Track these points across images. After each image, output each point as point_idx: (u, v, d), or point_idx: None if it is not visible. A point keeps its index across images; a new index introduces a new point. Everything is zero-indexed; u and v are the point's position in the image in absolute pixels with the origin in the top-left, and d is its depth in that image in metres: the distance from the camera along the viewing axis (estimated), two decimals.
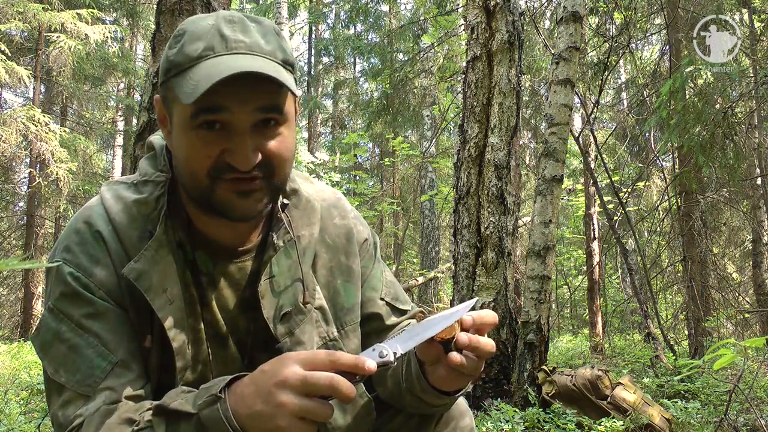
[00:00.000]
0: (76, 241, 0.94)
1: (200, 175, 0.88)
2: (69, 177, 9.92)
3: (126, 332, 0.92)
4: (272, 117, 0.88)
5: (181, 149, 0.90)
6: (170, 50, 0.90)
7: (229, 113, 0.85)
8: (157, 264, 0.93)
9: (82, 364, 0.89)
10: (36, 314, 11.06)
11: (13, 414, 3.92)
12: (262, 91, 0.86)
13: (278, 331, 0.98)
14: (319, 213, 1.07)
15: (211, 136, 0.86)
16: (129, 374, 0.90)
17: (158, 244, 0.93)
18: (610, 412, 3.49)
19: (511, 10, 4.07)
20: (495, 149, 3.98)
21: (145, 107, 2.81)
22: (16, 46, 11.12)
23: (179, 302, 0.94)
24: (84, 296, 0.91)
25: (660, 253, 8.77)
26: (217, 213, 0.92)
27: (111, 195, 0.99)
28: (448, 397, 0.94)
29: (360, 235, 1.13)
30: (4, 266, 0.91)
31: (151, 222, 0.95)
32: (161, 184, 0.98)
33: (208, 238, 1.00)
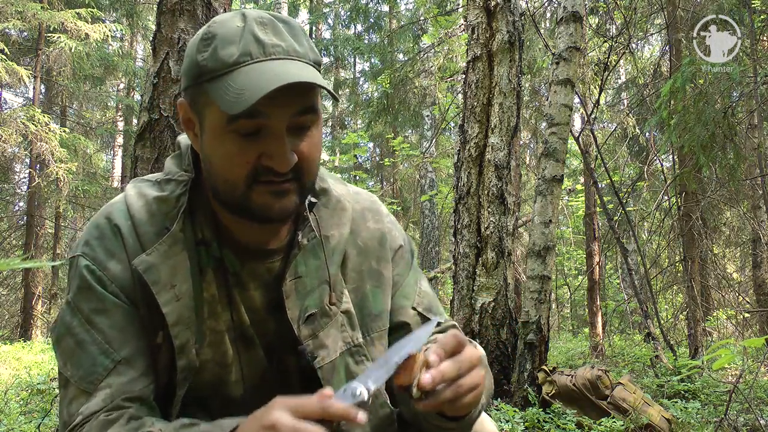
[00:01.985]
0: (95, 236, 0.95)
1: (237, 182, 0.87)
2: (69, 177, 9.92)
3: (133, 330, 0.92)
4: (306, 120, 0.88)
5: (215, 155, 0.89)
6: (199, 54, 0.87)
7: (266, 118, 0.84)
8: (169, 259, 0.92)
9: (86, 361, 0.90)
10: (36, 314, 11.06)
11: (13, 414, 3.92)
12: (299, 95, 0.85)
13: (302, 332, 0.96)
14: (350, 214, 1.04)
15: (246, 142, 0.86)
16: (132, 373, 0.90)
17: (172, 240, 0.93)
18: (610, 412, 3.50)
19: (512, 10, 4.07)
20: (495, 149, 3.98)
21: (145, 107, 2.81)
22: (16, 46, 11.13)
23: (188, 300, 0.92)
24: (96, 291, 0.92)
25: (660, 253, 8.78)
26: (254, 217, 0.91)
27: (134, 192, 0.99)
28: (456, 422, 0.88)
29: (394, 240, 1.08)
30: (4, 266, 0.91)
31: (170, 219, 0.95)
32: (183, 183, 0.98)
33: (236, 238, 0.98)
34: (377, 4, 13.36)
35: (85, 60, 10.36)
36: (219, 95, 0.84)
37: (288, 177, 0.88)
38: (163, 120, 2.75)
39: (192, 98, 0.91)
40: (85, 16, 10.15)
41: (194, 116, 0.92)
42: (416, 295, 1.09)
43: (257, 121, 0.84)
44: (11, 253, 12.14)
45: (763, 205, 7.69)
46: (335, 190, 1.04)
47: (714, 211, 8.38)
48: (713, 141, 5.37)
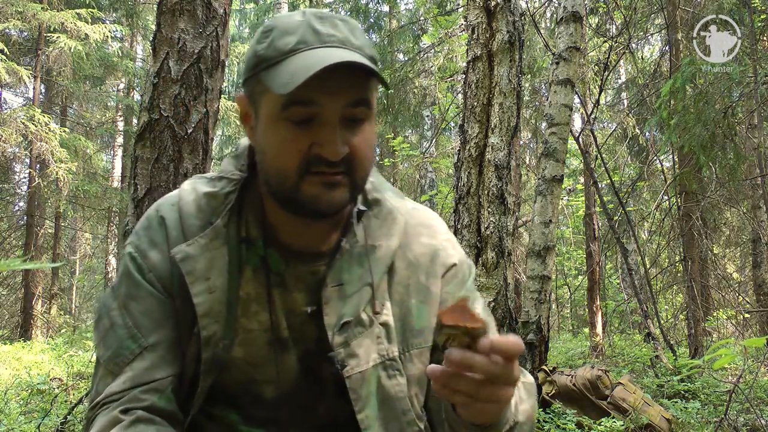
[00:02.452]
0: (144, 226, 0.99)
1: (289, 172, 0.88)
2: (69, 177, 9.92)
3: (163, 320, 0.95)
4: (361, 112, 0.88)
5: (269, 144, 0.90)
6: (258, 45, 0.90)
7: (319, 107, 0.85)
8: (207, 252, 0.94)
9: (115, 343, 0.93)
10: (36, 314, 11.06)
11: (13, 414, 3.92)
12: (353, 85, 0.86)
13: (335, 340, 0.95)
14: (401, 226, 1.01)
15: (299, 131, 0.87)
16: (156, 360, 0.92)
17: (214, 234, 0.95)
18: (610, 412, 3.50)
19: (512, 10, 4.07)
20: (495, 149, 3.99)
21: (145, 107, 2.81)
22: (16, 46, 11.13)
23: (221, 295, 0.93)
24: (134, 277, 0.95)
25: (660, 253, 8.78)
26: (303, 209, 0.91)
27: (189, 187, 1.01)
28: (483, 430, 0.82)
29: (448, 258, 1.04)
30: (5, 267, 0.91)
31: (216, 215, 0.96)
32: (235, 181, 0.99)
33: (283, 239, 0.98)
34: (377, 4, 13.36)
35: (85, 60, 10.36)
36: (273, 80, 0.85)
37: (339, 169, 0.87)
38: (163, 120, 2.75)
39: (250, 89, 0.93)
40: (85, 16, 10.15)
41: (251, 108, 0.94)
42: None
43: (310, 109, 0.85)
44: (11, 253, 12.14)
45: (763, 205, 7.69)
46: (389, 202, 1.03)
47: (714, 211, 8.39)
48: (713, 141, 5.37)
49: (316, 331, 0.97)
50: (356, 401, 0.93)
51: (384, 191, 1.04)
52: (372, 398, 0.94)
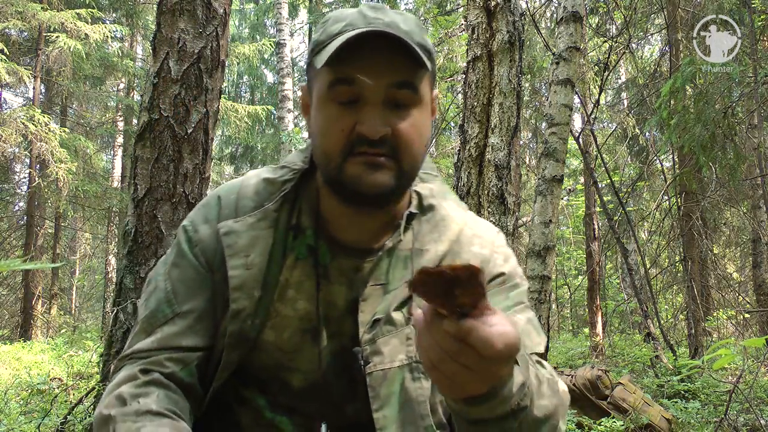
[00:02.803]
0: (202, 204, 1.04)
1: (334, 152, 0.90)
2: (69, 177, 9.92)
3: (199, 291, 0.98)
4: (405, 95, 0.89)
5: (317, 125, 0.92)
6: (315, 34, 0.94)
7: (362, 86, 0.87)
8: (252, 231, 0.97)
9: (153, 305, 0.98)
10: (36, 314, 11.06)
11: (13, 414, 3.92)
12: (397, 67, 0.87)
13: (364, 336, 0.96)
14: (453, 234, 1.01)
15: (344, 111, 0.88)
16: (184, 327, 0.96)
17: (263, 215, 0.98)
18: (610, 412, 3.50)
19: (512, 10, 4.07)
20: (495, 149, 3.98)
21: (145, 107, 2.81)
22: (16, 46, 11.13)
23: (257, 273, 0.95)
24: (182, 248, 1.00)
25: (660, 253, 8.78)
26: (347, 190, 0.91)
27: (254, 173, 1.05)
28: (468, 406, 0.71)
29: (495, 267, 1.01)
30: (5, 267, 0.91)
31: (271, 200, 0.99)
32: (295, 171, 1.02)
33: (333, 232, 1.00)
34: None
35: (85, 60, 10.36)
36: (318, 60, 0.89)
37: (381, 150, 0.88)
38: (163, 120, 2.75)
39: (308, 77, 0.97)
40: (85, 16, 10.15)
41: (308, 96, 0.97)
42: None
43: (353, 89, 0.87)
44: (11, 253, 12.14)
45: (763, 205, 7.69)
46: (444, 210, 1.03)
47: (714, 211, 8.39)
48: (713, 141, 5.37)
49: (352, 327, 0.97)
50: (374, 399, 0.93)
51: (443, 199, 1.04)
52: (393, 399, 0.93)
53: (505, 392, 0.70)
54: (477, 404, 0.70)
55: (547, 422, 0.81)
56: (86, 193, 11.04)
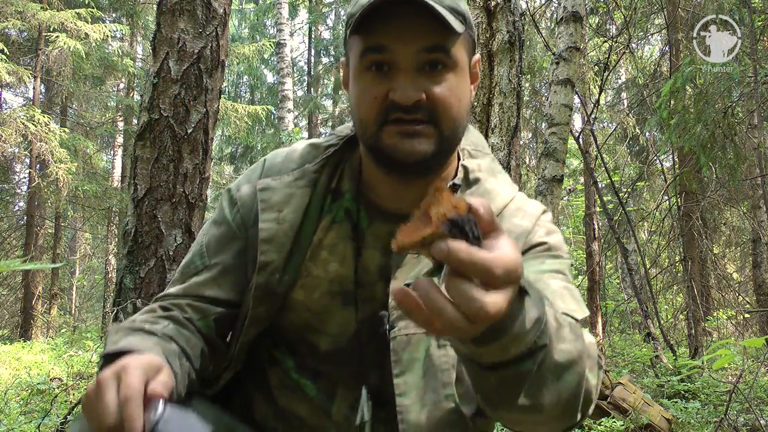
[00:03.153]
0: (250, 168, 1.07)
1: (369, 121, 0.89)
2: (69, 177, 9.91)
3: (230, 248, 1.01)
4: (438, 58, 0.87)
5: (354, 95, 0.92)
6: (348, 8, 0.93)
7: (392, 53, 0.86)
8: (288, 188, 0.98)
9: (189, 257, 1.05)
10: (36, 314, 11.05)
11: (13, 414, 3.92)
12: (427, 31, 0.85)
13: (392, 302, 0.93)
14: (497, 206, 0.98)
15: (377, 79, 0.88)
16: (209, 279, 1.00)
17: (301, 174, 0.99)
18: (610, 412, 3.50)
19: (512, 10, 4.07)
20: (495, 149, 3.98)
21: (145, 107, 2.81)
22: (16, 46, 11.12)
23: (289, 229, 0.96)
24: (222, 207, 1.04)
25: (660, 253, 8.77)
26: (386, 159, 0.91)
27: (305, 140, 1.07)
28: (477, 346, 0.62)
29: (534, 237, 0.97)
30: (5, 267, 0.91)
31: (314, 161, 1.01)
32: (341, 137, 1.04)
33: (374, 198, 0.99)
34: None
35: (85, 60, 10.35)
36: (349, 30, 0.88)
37: (418, 116, 0.87)
38: (163, 120, 2.75)
39: (345, 51, 0.96)
40: (85, 16, 10.15)
41: (347, 68, 0.96)
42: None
43: (384, 56, 0.86)
44: (11, 253, 12.14)
45: (763, 205, 7.68)
46: (489, 184, 1.00)
47: (714, 211, 8.39)
48: (713, 141, 5.37)
49: (383, 294, 0.96)
50: (396, 363, 0.92)
51: (491, 175, 1.02)
52: (417, 365, 0.92)
53: (516, 327, 0.62)
54: (486, 343, 0.61)
55: (570, 368, 0.71)
56: (86, 193, 11.03)
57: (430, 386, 0.91)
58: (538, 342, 0.65)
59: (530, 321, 0.63)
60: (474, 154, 1.04)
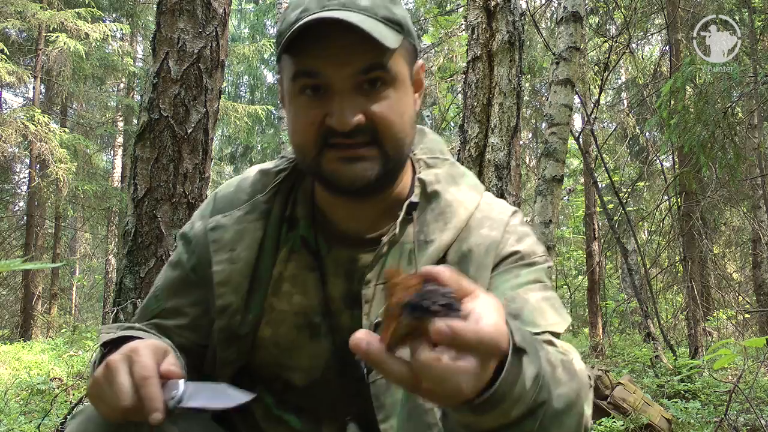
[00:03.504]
0: (205, 201, 1.04)
1: (307, 147, 0.86)
2: (69, 177, 9.91)
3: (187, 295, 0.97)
4: (376, 76, 0.83)
5: (290, 120, 0.88)
6: (278, 25, 0.91)
7: (326, 77, 0.82)
8: (239, 225, 0.94)
9: (147, 298, 1.02)
10: (36, 314, 11.06)
11: (13, 414, 3.92)
12: (360, 50, 0.81)
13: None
14: (460, 220, 0.92)
15: (313, 103, 0.84)
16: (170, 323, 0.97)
17: (252, 207, 0.95)
18: (610, 412, 3.50)
19: (512, 10, 4.07)
20: (495, 149, 3.98)
21: (145, 107, 2.81)
22: (16, 46, 11.12)
23: (245, 267, 0.92)
24: (178, 245, 1.01)
25: (660, 253, 8.77)
26: (328, 185, 0.88)
27: (256, 166, 1.03)
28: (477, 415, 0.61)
29: (507, 247, 0.92)
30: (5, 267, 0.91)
31: (264, 191, 0.97)
32: (291, 159, 0.99)
33: (329, 222, 0.95)
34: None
35: (85, 60, 10.36)
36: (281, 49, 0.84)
37: (359, 140, 0.83)
38: (162, 120, 2.75)
39: (279, 70, 0.91)
40: (84, 15, 10.15)
41: (281, 89, 0.92)
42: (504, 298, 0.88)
43: (317, 80, 0.83)
44: (11, 253, 12.14)
45: (763, 205, 7.69)
46: (450, 195, 0.95)
47: (714, 211, 8.38)
48: (713, 141, 5.37)
49: (351, 322, 0.92)
50: (379, 409, 0.87)
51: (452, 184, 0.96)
52: (398, 407, 0.87)
53: (516, 390, 0.60)
54: (487, 411, 0.59)
55: (570, 412, 0.70)
56: (86, 193, 11.04)
57: (415, 429, 0.87)
58: (537, 399, 0.63)
59: (529, 380, 0.62)
60: (431, 162, 0.99)
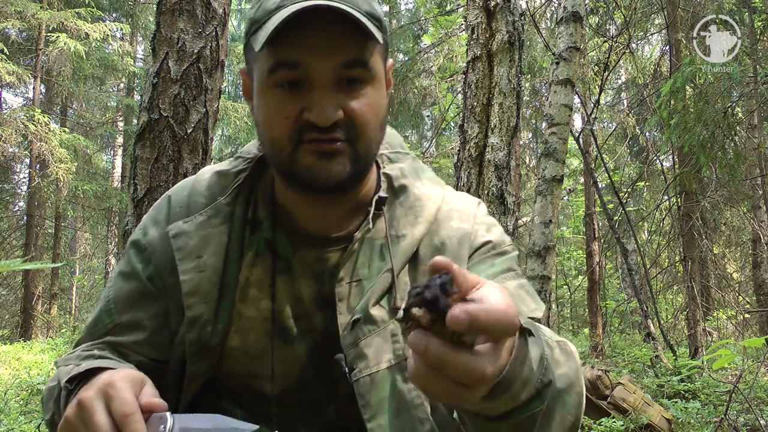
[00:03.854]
0: (154, 206, 0.98)
1: (282, 141, 0.82)
2: (69, 177, 9.92)
3: (145, 308, 0.91)
4: (356, 74, 0.80)
5: (261, 113, 0.84)
6: (251, 10, 0.84)
7: (307, 69, 0.78)
8: (203, 230, 0.89)
9: (96, 313, 0.94)
10: (36, 314, 11.05)
11: (13, 414, 3.92)
12: (345, 44, 0.78)
13: (345, 340, 0.86)
14: (430, 213, 0.91)
15: (289, 96, 0.80)
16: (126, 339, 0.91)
17: (214, 212, 0.91)
18: (610, 412, 3.50)
19: (512, 10, 4.07)
20: (495, 149, 3.98)
21: (144, 107, 2.81)
22: (15, 46, 11.13)
23: (212, 275, 0.88)
24: (130, 254, 0.94)
25: (660, 253, 8.77)
26: (301, 182, 0.84)
27: (208, 168, 0.98)
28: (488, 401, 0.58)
29: (479, 238, 0.92)
30: (5, 267, 0.91)
31: (224, 194, 0.92)
32: (249, 159, 0.95)
33: (293, 221, 0.92)
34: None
35: (85, 60, 10.36)
36: (256, 40, 0.80)
37: (336, 136, 0.80)
38: (162, 120, 2.75)
39: (247, 60, 0.87)
40: (84, 15, 10.15)
41: (249, 80, 0.88)
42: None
43: (297, 72, 0.79)
44: (11, 253, 12.14)
45: (763, 205, 7.69)
46: (417, 189, 0.94)
47: (714, 211, 8.38)
48: (713, 141, 5.37)
49: (323, 323, 0.89)
50: (365, 408, 0.83)
51: (416, 178, 0.95)
52: (386, 404, 0.84)
53: (525, 372, 0.59)
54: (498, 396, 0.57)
55: (571, 391, 0.70)
56: (86, 193, 11.04)
57: (406, 426, 0.83)
58: (543, 380, 0.63)
59: (535, 361, 0.61)
60: (393, 157, 0.98)
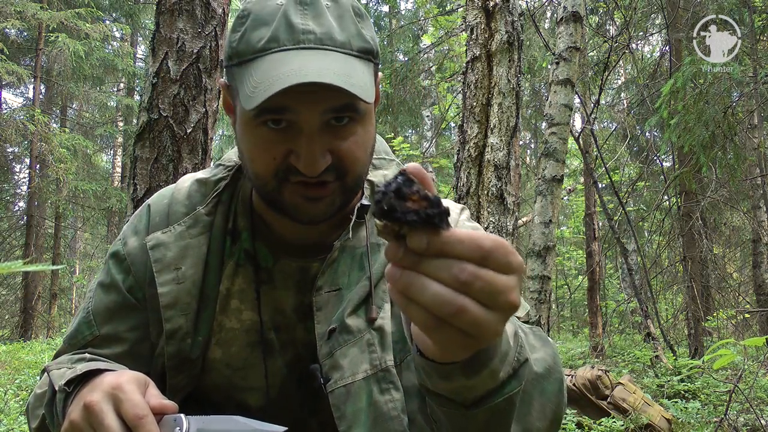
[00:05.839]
0: (134, 215, 0.96)
1: (266, 178, 0.79)
2: (69, 177, 9.92)
3: (125, 320, 0.90)
4: (345, 115, 0.77)
5: (245, 147, 0.81)
6: (233, 34, 0.79)
7: (294, 114, 0.75)
8: (181, 240, 0.87)
9: (76, 324, 0.92)
10: (36, 314, 11.06)
11: (13, 414, 3.92)
12: (332, 91, 0.73)
13: (321, 350, 0.85)
14: None
15: (275, 136, 0.76)
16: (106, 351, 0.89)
17: (193, 222, 0.89)
18: (610, 412, 3.50)
19: (511, 10, 4.07)
20: (495, 149, 3.98)
21: (144, 107, 2.81)
22: (15, 46, 11.13)
23: (191, 286, 0.86)
24: (110, 265, 0.92)
25: (660, 253, 8.77)
26: (286, 215, 0.83)
27: (189, 176, 0.96)
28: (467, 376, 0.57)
29: None
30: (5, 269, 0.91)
31: (203, 203, 0.90)
32: (230, 168, 0.93)
33: (273, 231, 0.90)
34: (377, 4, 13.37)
35: (85, 60, 10.36)
36: (242, 85, 0.76)
37: (325, 179, 0.78)
38: (162, 120, 2.75)
39: (228, 80, 0.83)
40: (84, 15, 10.15)
41: (230, 98, 0.85)
42: None
43: (285, 116, 0.75)
44: (11, 253, 12.14)
45: (763, 205, 7.69)
46: None
47: (714, 211, 8.38)
48: (713, 141, 5.37)
49: (305, 334, 0.88)
50: (340, 419, 0.81)
51: None
52: (362, 416, 0.81)
53: (502, 347, 0.58)
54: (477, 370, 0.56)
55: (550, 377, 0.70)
56: (86, 193, 11.04)
57: None
58: (520, 358, 0.62)
59: (511, 336, 0.61)
60: (378, 164, 0.96)
